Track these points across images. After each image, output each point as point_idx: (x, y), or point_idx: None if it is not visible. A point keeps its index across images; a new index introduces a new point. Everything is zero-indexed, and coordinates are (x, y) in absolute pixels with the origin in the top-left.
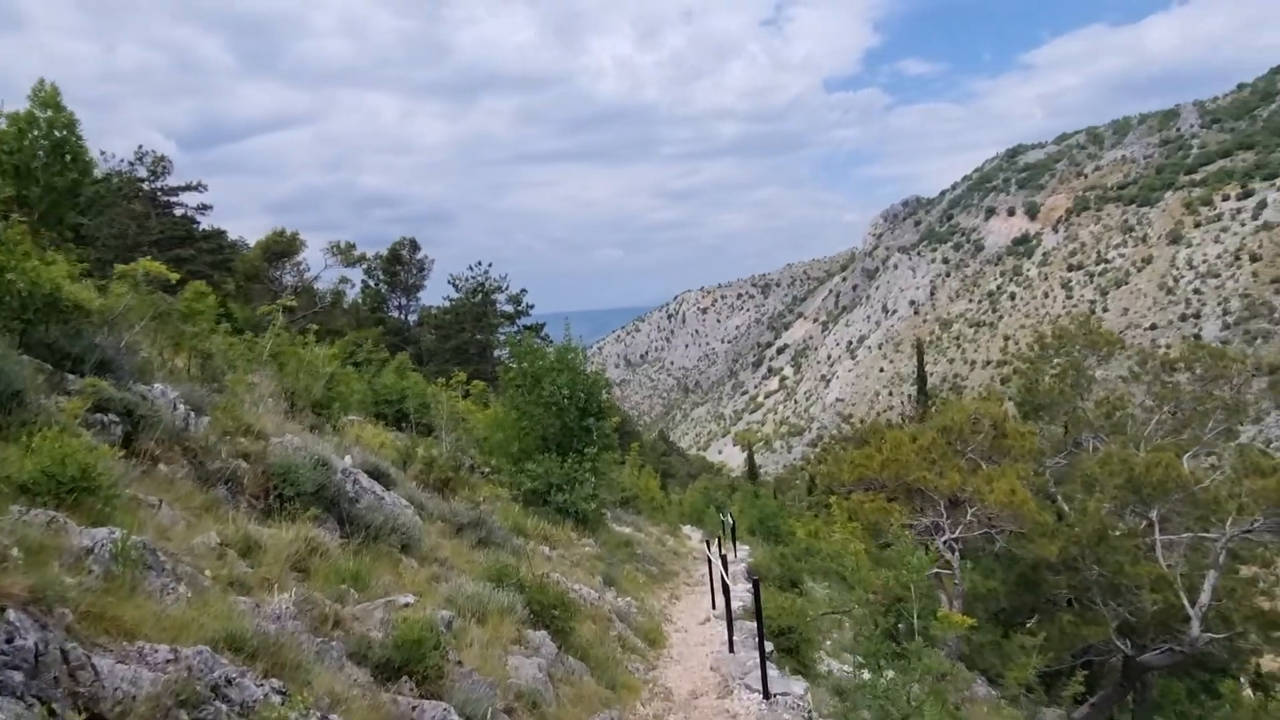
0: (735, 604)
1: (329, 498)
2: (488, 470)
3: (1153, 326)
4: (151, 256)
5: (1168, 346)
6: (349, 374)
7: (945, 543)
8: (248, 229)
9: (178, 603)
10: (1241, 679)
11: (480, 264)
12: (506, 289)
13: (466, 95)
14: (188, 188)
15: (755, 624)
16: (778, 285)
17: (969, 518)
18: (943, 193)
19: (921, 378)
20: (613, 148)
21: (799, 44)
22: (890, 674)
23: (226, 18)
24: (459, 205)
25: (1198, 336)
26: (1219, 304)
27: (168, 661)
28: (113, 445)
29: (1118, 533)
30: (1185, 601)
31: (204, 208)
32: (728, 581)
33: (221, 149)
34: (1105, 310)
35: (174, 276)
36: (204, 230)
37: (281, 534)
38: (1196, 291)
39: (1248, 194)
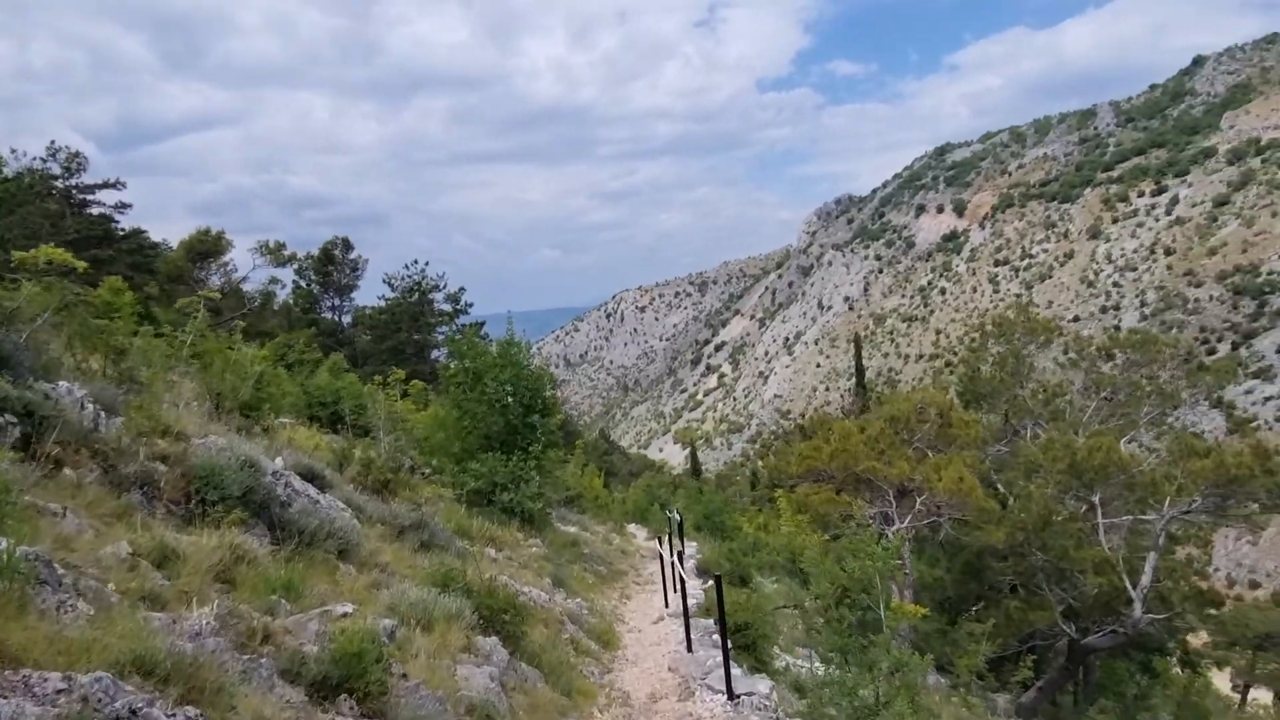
0: (689, 601)
1: (258, 502)
2: (429, 471)
3: (1075, 319)
4: None
5: (1091, 336)
6: (280, 375)
7: (896, 532)
8: (173, 232)
9: (77, 621)
10: (1170, 658)
11: (416, 262)
12: (444, 288)
13: (399, 95)
14: (105, 185)
15: (711, 621)
16: (714, 283)
17: (917, 506)
18: (874, 190)
19: (859, 371)
20: (549, 148)
21: (732, 45)
22: (854, 669)
23: (147, 15)
24: (394, 207)
25: (1117, 327)
26: (1137, 296)
27: (59, 692)
28: (8, 448)
29: (1060, 518)
30: (1127, 584)
31: (123, 206)
32: (684, 576)
33: (144, 150)
34: (1031, 304)
35: (81, 265)
36: (123, 230)
37: (203, 541)
38: (1115, 284)
39: (1161, 190)
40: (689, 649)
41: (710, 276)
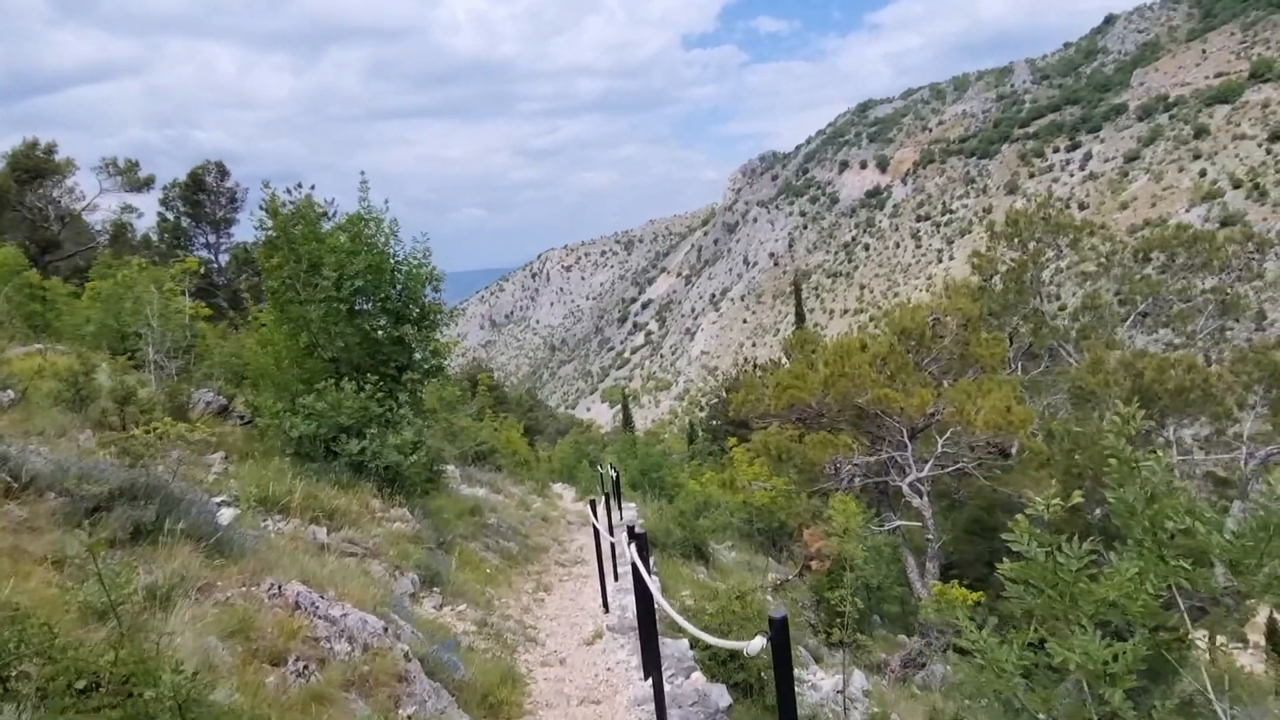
0: (643, 609)
1: None
2: (248, 414)
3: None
4: None
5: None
6: (51, 290)
7: (911, 485)
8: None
9: None
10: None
11: (300, 185)
12: (334, 216)
13: (312, 46)
14: None
15: (683, 645)
16: (640, 241)
17: (939, 449)
18: (798, 147)
19: (799, 315)
20: (471, 104)
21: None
22: None
23: None
24: (309, 165)
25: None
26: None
27: None
28: None
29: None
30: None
31: None
32: (645, 576)
33: (35, 101)
34: (951, 259)
35: None
36: None
37: None
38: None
39: (1075, 146)
40: None
41: (636, 235)
